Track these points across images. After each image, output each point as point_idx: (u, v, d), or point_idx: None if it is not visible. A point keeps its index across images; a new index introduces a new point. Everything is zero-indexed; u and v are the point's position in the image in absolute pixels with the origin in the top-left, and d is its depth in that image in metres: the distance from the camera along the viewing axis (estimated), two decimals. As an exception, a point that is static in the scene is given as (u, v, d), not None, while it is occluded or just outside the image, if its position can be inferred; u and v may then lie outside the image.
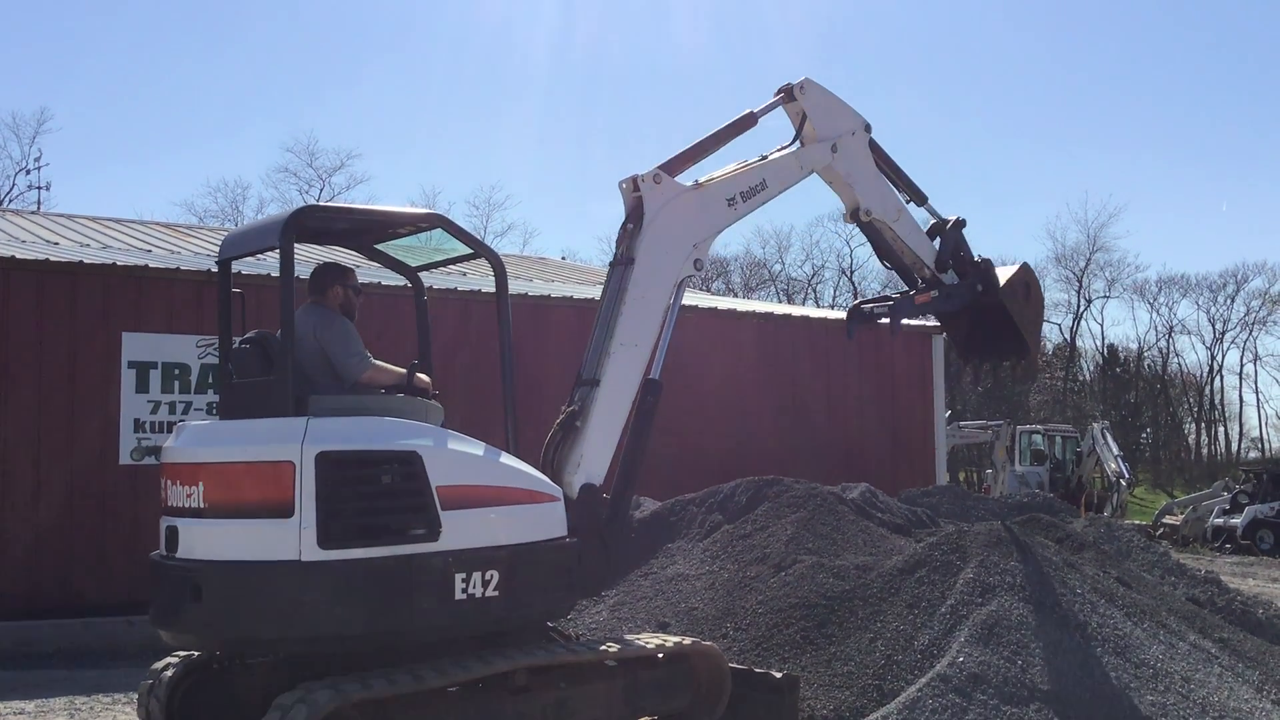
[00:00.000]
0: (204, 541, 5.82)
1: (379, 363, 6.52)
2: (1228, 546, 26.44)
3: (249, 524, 5.67)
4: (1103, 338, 69.72)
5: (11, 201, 50.46)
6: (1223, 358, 67.58)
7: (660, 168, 7.32)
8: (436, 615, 5.85)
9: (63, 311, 12.78)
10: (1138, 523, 29.82)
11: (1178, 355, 69.27)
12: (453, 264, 7.73)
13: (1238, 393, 69.40)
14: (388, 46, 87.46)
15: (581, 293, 16.70)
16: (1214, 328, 66.68)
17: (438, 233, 6.89)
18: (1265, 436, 69.04)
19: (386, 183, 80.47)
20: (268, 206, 58.25)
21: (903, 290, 8.95)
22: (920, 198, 8.72)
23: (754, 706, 6.99)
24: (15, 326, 12.60)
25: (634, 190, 7.18)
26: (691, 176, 7.55)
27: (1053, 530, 9.90)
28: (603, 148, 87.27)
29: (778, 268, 67.34)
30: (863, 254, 64.21)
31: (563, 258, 35.52)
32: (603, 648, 6.61)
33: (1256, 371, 71.48)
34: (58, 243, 16.13)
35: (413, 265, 7.49)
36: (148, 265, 13.71)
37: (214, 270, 7.14)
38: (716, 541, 10.01)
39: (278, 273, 6.03)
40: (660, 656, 6.76)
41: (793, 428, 17.39)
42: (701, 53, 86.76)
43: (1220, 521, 27.47)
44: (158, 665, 6.69)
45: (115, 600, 12.19)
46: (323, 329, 6.42)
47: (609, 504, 6.84)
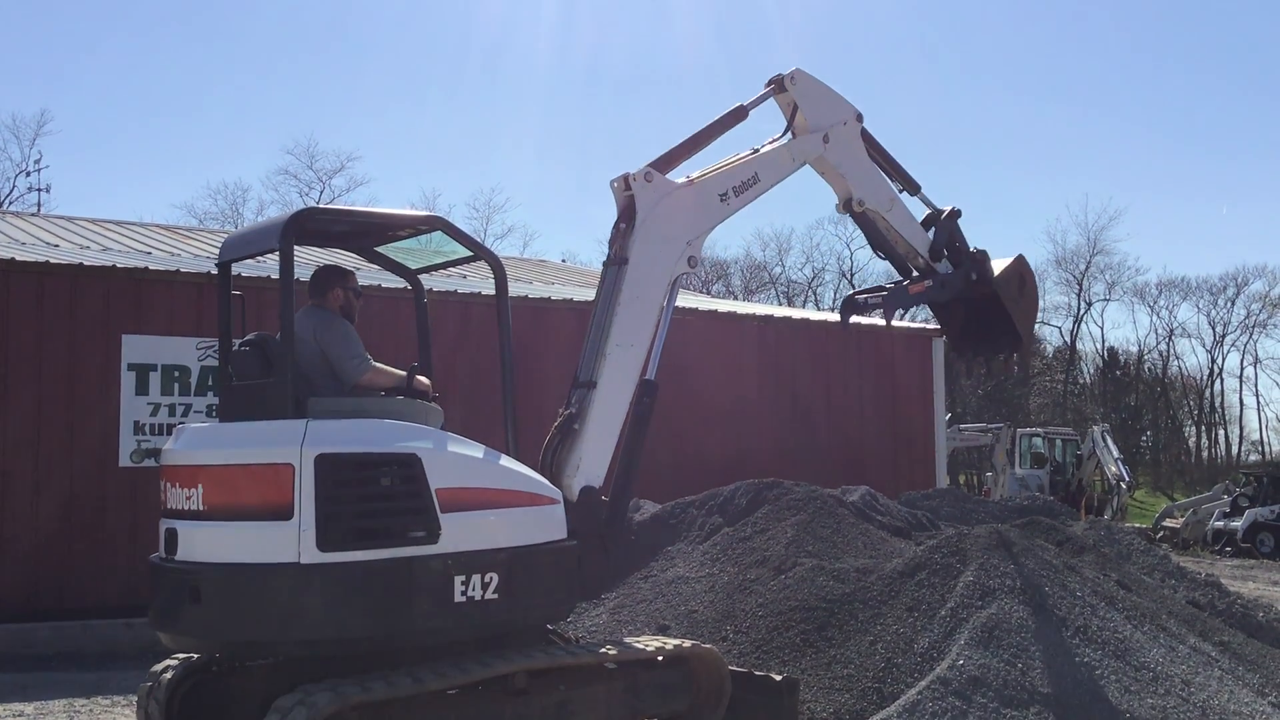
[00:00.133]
0: (203, 544, 5.82)
1: (379, 365, 6.52)
2: (1228, 549, 26.44)
3: (248, 526, 5.66)
4: (1103, 340, 69.82)
5: (11, 203, 50.49)
6: (1223, 361, 67.66)
7: (651, 165, 7.23)
8: (436, 618, 5.85)
9: (63, 314, 12.78)
10: (1138, 526, 29.82)
11: (1178, 358, 69.35)
12: (453, 266, 7.73)
13: (1238, 396, 69.46)
14: (388, 49, 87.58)
15: (582, 295, 16.68)
16: (1214, 331, 66.76)
17: (438, 235, 6.89)
18: (1265, 440, 69.14)
19: (386, 185, 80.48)
20: (268, 209, 58.33)
21: (896, 280, 8.86)
22: (913, 187, 8.64)
23: (754, 709, 6.97)
24: (15, 328, 12.59)
25: (625, 189, 7.10)
26: (683, 173, 7.47)
27: (1053, 533, 9.89)
28: (603, 150, 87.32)
29: (778, 270, 67.43)
30: (863, 256, 64.17)
31: (563, 260, 35.57)
32: (603, 650, 6.61)
33: (1257, 374, 71.83)
34: (58, 245, 16.12)
35: (413, 268, 7.47)
36: (148, 267, 13.70)
37: (214, 272, 7.14)
38: (716, 544, 10.00)
39: (278, 275, 6.03)
40: (660, 659, 6.75)
41: (793, 430, 17.38)
42: (702, 55, 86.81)
43: (1220, 524, 27.48)
44: (157, 667, 6.69)
45: (114, 602, 12.20)
46: (323, 331, 6.42)
47: (608, 506, 6.82)
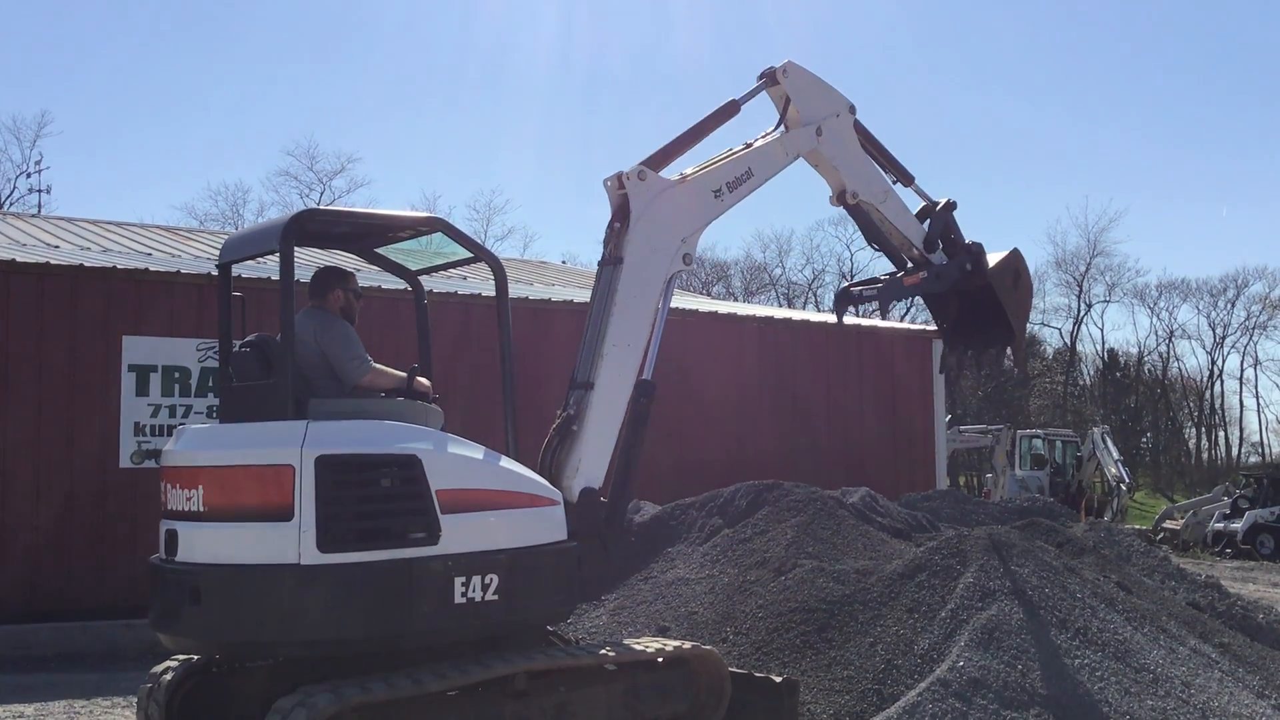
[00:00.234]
0: (203, 545, 5.82)
1: (379, 366, 6.52)
2: (1228, 551, 26.43)
3: (248, 527, 5.66)
4: (1103, 342, 69.85)
5: (12, 205, 50.52)
6: (1223, 362, 67.67)
7: (644, 163, 7.17)
8: (436, 619, 5.85)
9: (63, 315, 12.78)
10: (1138, 527, 29.84)
11: (1178, 360, 69.36)
12: (453, 268, 7.72)
13: (1238, 397, 69.47)
14: (388, 50, 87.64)
15: (582, 297, 16.67)
16: (1214, 332, 66.77)
17: (438, 236, 6.89)
18: (1265, 441, 69.18)
19: (387, 186, 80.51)
20: (268, 210, 58.36)
21: (891, 272, 8.80)
22: (907, 178, 8.59)
23: (754, 711, 6.97)
24: (15, 330, 12.59)
25: (619, 188, 7.06)
26: (677, 170, 7.41)
27: (1053, 535, 9.90)
28: (603, 152, 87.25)
29: (778, 272, 67.44)
30: (863, 257, 64.06)
31: (563, 262, 35.59)
32: (602, 652, 6.61)
33: (1257, 376, 71.82)
34: (58, 246, 16.13)
35: (413, 269, 7.47)
36: (148, 269, 13.70)
37: (214, 274, 7.14)
38: (716, 546, 10.01)
39: (278, 276, 6.03)
40: (660, 661, 6.75)
41: (793, 432, 17.38)
42: (702, 58, 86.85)
43: (1220, 526, 27.46)
44: (157, 668, 6.69)
45: (114, 603, 12.20)
46: (323, 332, 6.41)
47: (606, 507, 6.81)
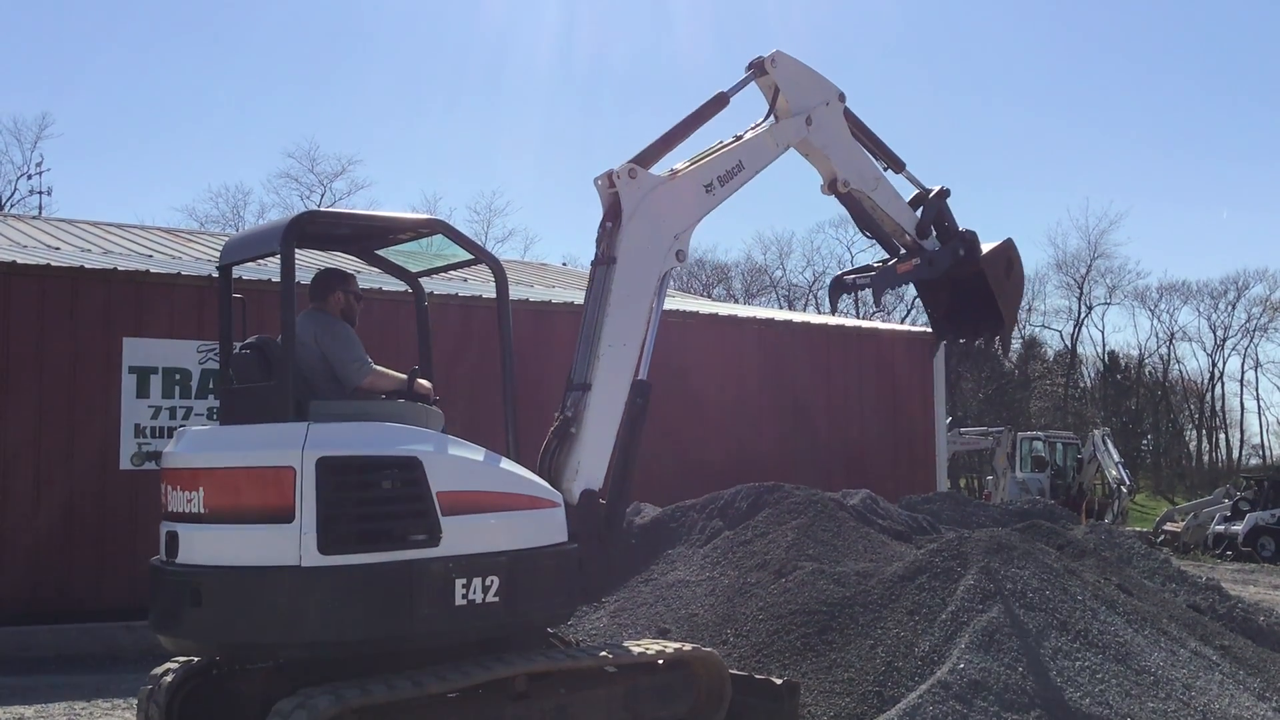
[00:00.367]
0: (204, 547, 5.81)
1: (380, 368, 6.52)
2: (1229, 553, 26.43)
3: (249, 529, 5.67)
4: (1104, 344, 69.85)
5: (13, 206, 50.54)
6: (1224, 364, 67.69)
7: (633, 161, 7.12)
8: (437, 621, 5.85)
9: (64, 316, 12.78)
10: (1139, 529, 29.84)
11: (1179, 362, 69.38)
12: (453, 269, 7.71)
13: (1239, 399, 69.49)
14: (389, 52, 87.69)
15: (583, 299, 16.68)
16: (1215, 334, 66.79)
17: (438, 238, 6.88)
18: (1266, 443, 69.25)
19: (388, 188, 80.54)
20: (269, 212, 58.34)
21: (884, 259, 8.76)
22: (898, 164, 8.53)
23: (754, 713, 6.97)
24: (16, 331, 12.59)
25: (610, 186, 7.02)
26: (667, 166, 7.36)
27: (1053, 537, 9.89)
28: (604, 153, 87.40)
29: (779, 274, 67.45)
30: (865, 260, 64.08)
31: (564, 263, 35.64)
32: (603, 654, 6.61)
33: (1258, 378, 71.86)
34: (59, 248, 16.13)
35: (413, 271, 7.47)
36: (149, 270, 13.70)
37: (215, 276, 7.14)
38: (717, 548, 10.00)
39: (279, 278, 6.04)
40: (660, 662, 6.75)
41: (793, 434, 17.38)
42: (703, 58, 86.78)
43: (1221, 528, 27.46)
44: (157, 670, 6.69)
45: (115, 605, 12.19)
46: (324, 334, 6.42)
47: (605, 509, 6.80)
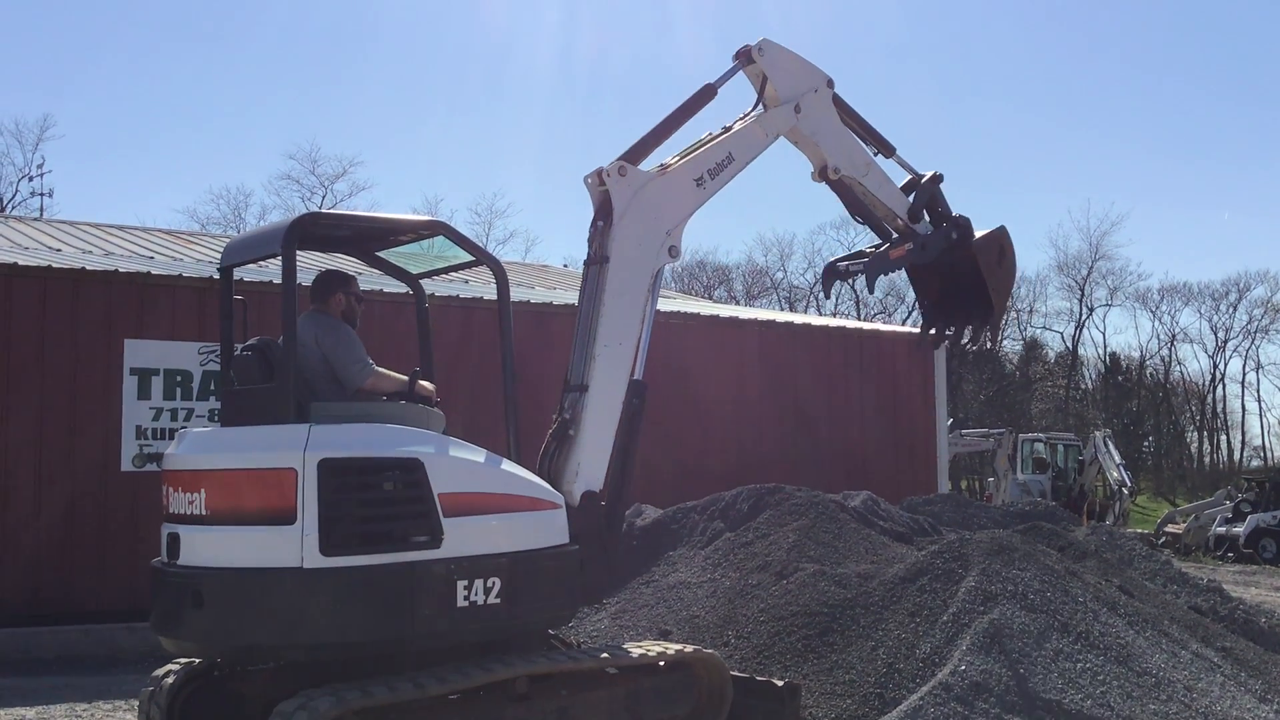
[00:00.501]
0: (205, 548, 5.82)
1: (381, 370, 6.52)
2: (1230, 555, 26.42)
3: (251, 531, 5.66)
4: (1105, 346, 69.81)
5: (14, 208, 50.61)
6: (1225, 366, 67.67)
7: (622, 158, 7.07)
8: (438, 622, 5.85)
9: (65, 318, 12.79)
10: (1140, 531, 29.85)
11: (1180, 363, 69.36)
12: (454, 271, 7.72)
13: (1240, 401, 69.42)
14: (390, 54, 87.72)
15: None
16: (1216, 336, 66.76)
17: (439, 240, 6.88)
18: (1267, 445, 69.15)
19: (389, 190, 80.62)
20: (270, 214, 58.34)
21: (876, 245, 8.72)
22: (888, 149, 8.48)
23: (755, 714, 6.96)
24: (18, 333, 12.59)
25: (600, 184, 6.98)
26: (657, 161, 7.31)
27: (1055, 539, 9.89)
28: (605, 155, 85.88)
29: (780, 276, 67.43)
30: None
31: (564, 265, 35.62)
32: (604, 655, 6.61)
33: (1259, 380, 71.56)
34: (60, 249, 16.14)
35: (414, 272, 7.47)
36: (150, 272, 13.70)
37: (216, 277, 7.15)
38: (718, 549, 10.00)
39: (280, 280, 6.04)
40: (661, 664, 6.74)
41: (794, 435, 17.37)
42: (704, 61, 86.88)
43: (1223, 530, 27.45)
44: (159, 672, 6.69)
45: (116, 607, 12.19)
46: (325, 336, 6.42)
47: (605, 510, 6.79)
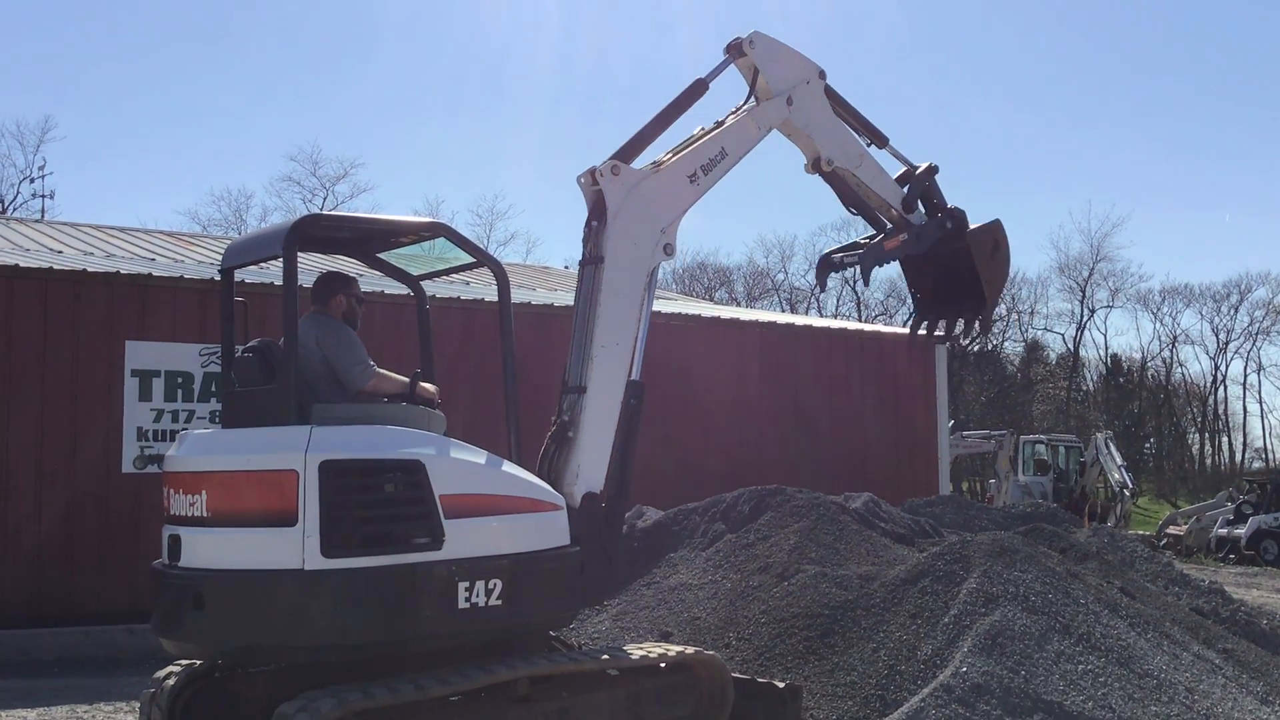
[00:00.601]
0: (207, 550, 5.82)
1: (383, 372, 6.52)
2: (1232, 557, 26.39)
3: (252, 533, 5.67)
4: (1106, 347, 69.98)
5: (16, 210, 50.64)
6: (1226, 368, 67.62)
7: (615, 157, 7.07)
8: (439, 624, 5.85)
9: (66, 320, 12.79)
10: (1141, 533, 29.83)
11: (1181, 365, 69.34)
12: (455, 273, 7.72)
13: (1241, 403, 69.35)
14: (391, 55, 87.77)
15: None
16: (1218, 338, 66.73)
17: (440, 241, 6.89)
18: (1269, 447, 69.08)
19: (390, 192, 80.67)
20: (271, 215, 58.39)
21: (870, 235, 8.67)
22: (881, 140, 8.46)
23: (757, 716, 6.96)
24: (19, 334, 12.60)
25: (593, 184, 6.97)
26: (649, 158, 7.29)
27: (1056, 540, 9.88)
28: (606, 156, 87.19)
29: (781, 277, 67.41)
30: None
31: (565, 267, 35.53)
32: (605, 657, 6.61)
33: (1260, 382, 71.55)
34: (61, 251, 16.15)
35: (415, 274, 7.48)
36: (151, 274, 13.72)
37: (217, 279, 7.15)
38: (719, 551, 10.00)
39: (281, 281, 6.04)
40: (663, 666, 6.75)
41: (796, 437, 17.37)
42: (705, 62, 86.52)
43: (1224, 532, 27.42)
44: (160, 674, 6.69)
45: (117, 609, 12.20)
46: (326, 338, 6.42)
47: (605, 512, 6.79)
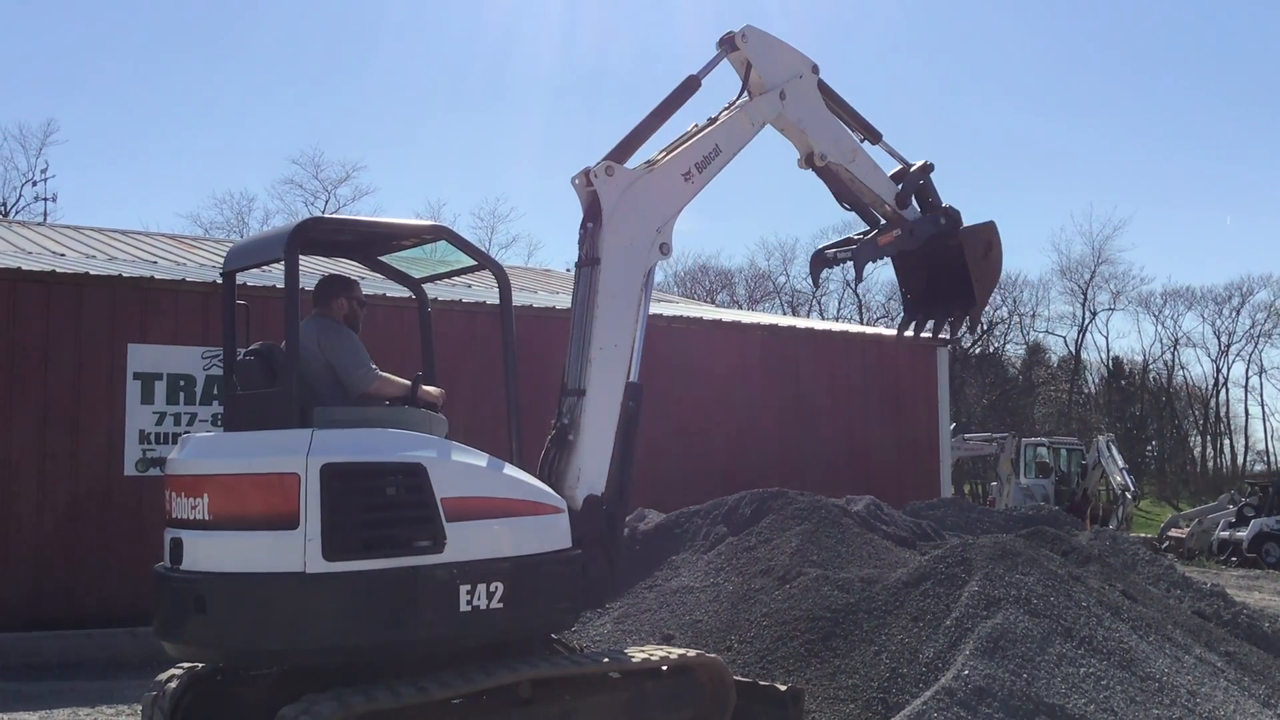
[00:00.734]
0: (208, 553, 5.82)
1: (385, 375, 6.52)
2: (1233, 559, 26.39)
3: (254, 536, 5.67)
4: (1108, 350, 69.95)
5: (18, 213, 50.65)
6: (1228, 370, 67.61)
7: (609, 157, 7.05)
8: (441, 627, 5.85)
9: (69, 323, 12.81)
10: (1143, 535, 29.83)
11: (1183, 368, 69.34)
12: (457, 275, 7.73)
13: (1243, 405, 69.37)
14: (393, 58, 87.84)
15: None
16: (1219, 340, 66.72)
17: (442, 244, 6.89)
18: (1271, 449, 69.03)
19: (391, 195, 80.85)
20: (273, 218, 58.42)
21: (864, 231, 8.66)
22: (874, 136, 8.45)
23: (759, 719, 6.96)
24: (21, 337, 12.62)
25: (588, 185, 6.95)
26: (643, 158, 7.28)
27: (1058, 543, 9.87)
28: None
29: (782, 279, 67.41)
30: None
31: (567, 270, 35.56)
32: (607, 660, 6.60)
33: (1262, 384, 71.84)
34: (64, 254, 16.17)
35: (417, 277, 7.48)
36: (153, 277, 13.74)
37: (219, 282, 7.16)
38: (721, 554, 10.00)
39: (283, 285, 6.05)
40: (664, 669, 6.74)
41: (797, 440, 17.37)
42: (707, 60, 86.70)
43: (1226, 534, 27.42)
44: (161, 676, 6.70)
45: (119, 611, 12.20)
46: (327, 341, 6.42)
47: (606, 514, 6.78)
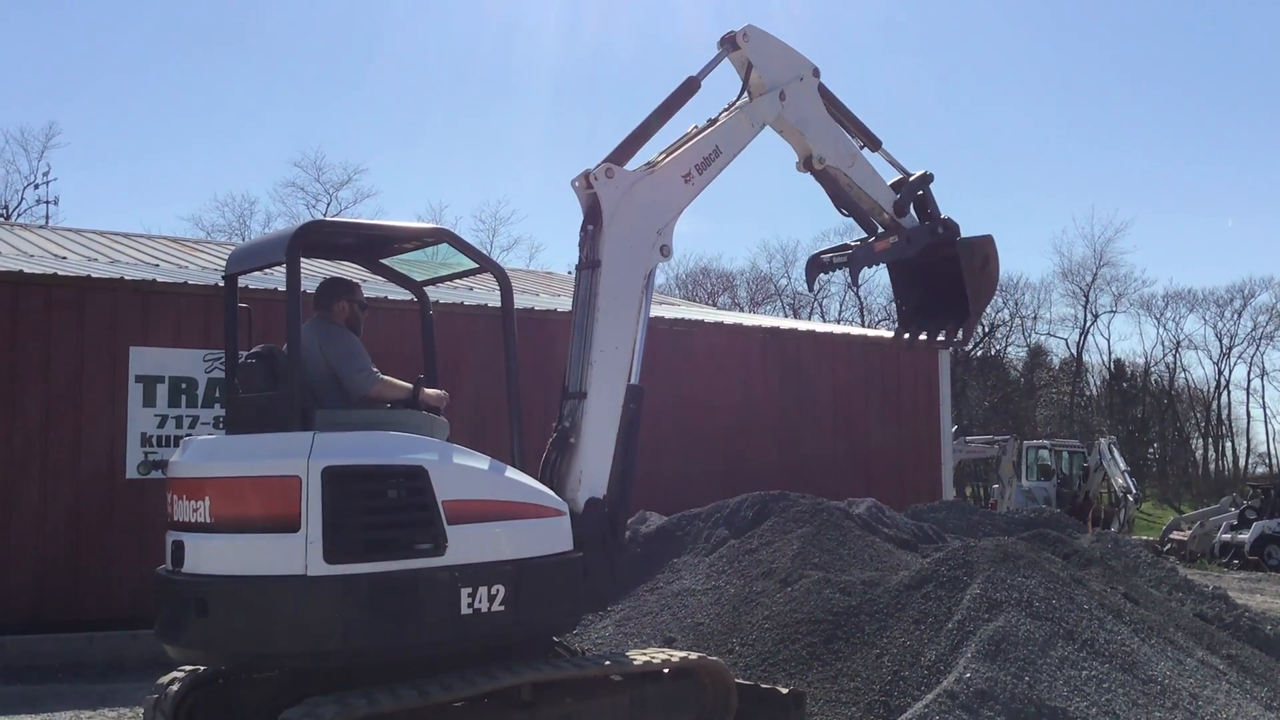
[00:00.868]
0: (210, 556, 5.82)
1: (387, 378, 6.52)
2: (1235, 562, 26.36)
3: (255, 539, 5.67)
4: (1109, 352, 69.79)
5: (20, 216, 50.71)
6: (1230, 373, 67.53)
7: (609, 159, 7.05)
8: (442, 630, 5.85)
9: (70, 325, 12.81)
10: (1145, 538, 29.79)
11: (1185, 370, 69.24)
12: (458, 278, 7.74)
13: (1245, 408, 69.63)
14: (394, 61, 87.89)
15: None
16: (1221, 343, 66.66)
17: (443, 247, 6.89)
18: (1272, 451, 68.95)
19: (393, 197, 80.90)
20: (275, 221, 58.42)
21: (861, 238, 8.67)
22: (874, 143, 8.47)
23: (760, 722, 6.97)
24: (23, 340, 12.62)
25: (587, 187, 6.95)
26: (643, 159, 7.28)
27: (1060, 546, 9.89)
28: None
29: (784, 282, 67.37)
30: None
31: (568, 272, 35.55)
32: (608, 662, 6.60)
33: (1264, 387, 71.90)
34: (65, 257, 16.17)
35: (418, 280, 7.49)
36: (155, 280, 13.74)
37: (221, 285, 7.16)
38: (722, 556, 10.00)
39: (284, 287, 6.05)
40: (666, 672, 6.74)
41: (799, 442, 17.37)
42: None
43: (1228, 537, 27.39)
44: (163, 679, 6.70)
45: (120, 614, 12.19)
46: (329, 344, 6.43)
47: (608, 516, 6.77)
